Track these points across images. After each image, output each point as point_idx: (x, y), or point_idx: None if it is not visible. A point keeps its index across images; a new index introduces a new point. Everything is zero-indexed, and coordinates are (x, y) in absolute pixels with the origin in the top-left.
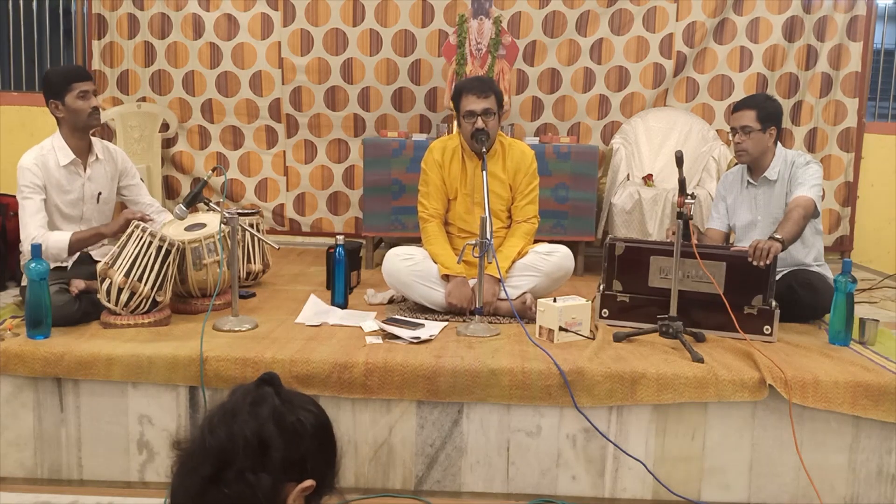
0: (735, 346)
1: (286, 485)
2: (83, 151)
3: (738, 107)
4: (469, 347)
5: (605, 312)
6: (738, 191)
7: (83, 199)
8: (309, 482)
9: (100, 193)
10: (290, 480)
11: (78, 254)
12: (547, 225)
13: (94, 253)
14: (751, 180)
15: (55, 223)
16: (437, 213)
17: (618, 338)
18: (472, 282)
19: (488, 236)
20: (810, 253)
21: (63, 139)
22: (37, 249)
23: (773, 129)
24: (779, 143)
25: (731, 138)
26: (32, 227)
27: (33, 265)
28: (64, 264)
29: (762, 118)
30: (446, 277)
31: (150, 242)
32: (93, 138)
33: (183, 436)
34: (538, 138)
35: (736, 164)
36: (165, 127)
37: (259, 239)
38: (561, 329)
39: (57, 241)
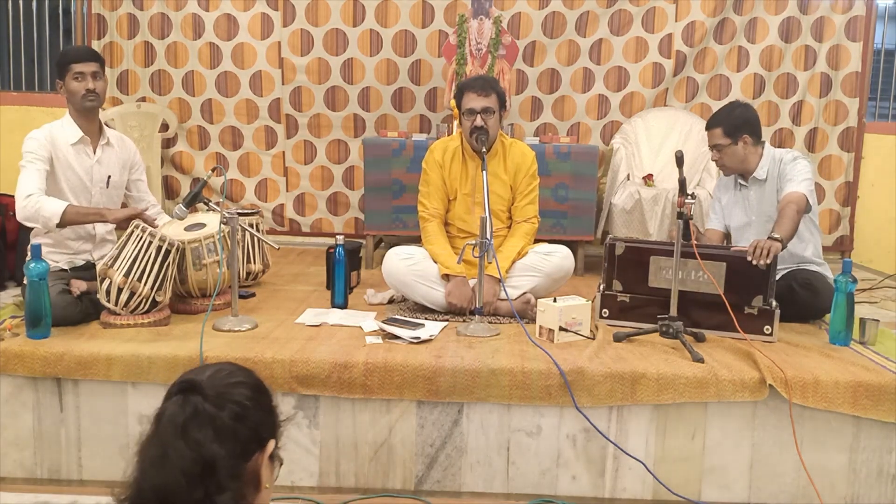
0: (735, 346)
1: (248, 461)
2: (92, 133)
3: (706, 127)
4: (469, 347)
5: (605, 312)
6: (732, 193)
7: (91, 182)
8: (271, 442)
9: (109, 177)
10: (253, 453)
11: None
12: (547, 225)
13: (94, 254)
14: (742, 182)
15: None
16: (438, 213)
17: (618, 338)
18: (472, 282)
19: (488, 236)
20: (808, 247)
21: (71, 118)
22: (37, 249)
23: (745, 138)
24: (766, 143)
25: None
26: (31, 186)
27: (33, 265)
28: (65, 266)
29: (729, 132)
30: (446, 277)
31: (150, 242)
32: (106, 127)
33: (122, 486)
34: (538, 138)
35: None
36: (165, 127)
37: (259, 239)
38: (561, 329)
39: (52, 204)
